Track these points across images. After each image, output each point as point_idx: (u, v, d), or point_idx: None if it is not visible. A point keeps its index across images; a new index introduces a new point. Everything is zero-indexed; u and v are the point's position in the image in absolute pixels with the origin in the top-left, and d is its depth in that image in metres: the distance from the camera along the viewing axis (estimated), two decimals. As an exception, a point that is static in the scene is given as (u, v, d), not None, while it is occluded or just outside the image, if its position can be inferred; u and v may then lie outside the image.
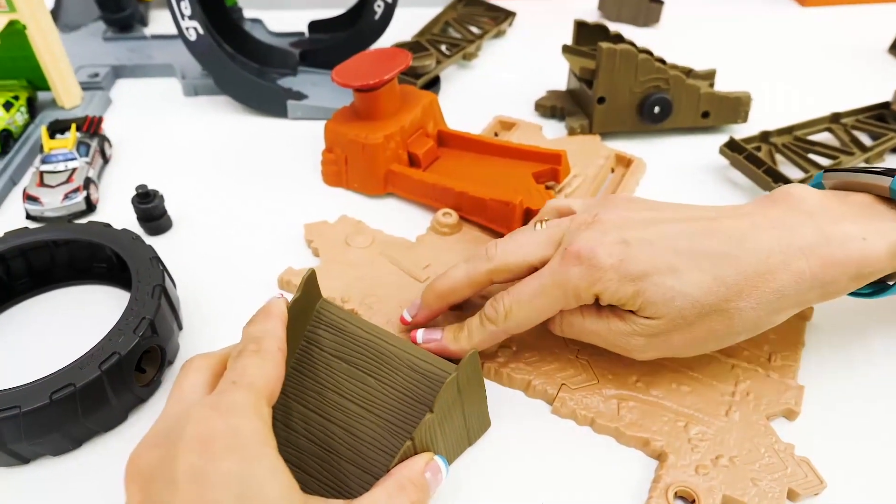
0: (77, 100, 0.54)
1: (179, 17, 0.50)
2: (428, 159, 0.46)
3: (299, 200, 0.47)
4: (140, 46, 0.64)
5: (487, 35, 0.66)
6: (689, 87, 0.50)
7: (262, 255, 0.42)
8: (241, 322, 0.38)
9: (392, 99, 0.45)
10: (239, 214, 0.46)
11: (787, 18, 0.73)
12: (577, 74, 0.53)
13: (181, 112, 0.57)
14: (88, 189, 0.45)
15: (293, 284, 0.39)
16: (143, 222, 0.43)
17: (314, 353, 0.31)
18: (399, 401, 0.30)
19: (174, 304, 0.36)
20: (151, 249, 0.37)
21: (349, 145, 0.45)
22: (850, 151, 0.48)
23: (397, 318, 0.37)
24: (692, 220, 0.31)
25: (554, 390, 0.34)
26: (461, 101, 0.58)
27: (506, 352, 0.35)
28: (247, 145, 0.53)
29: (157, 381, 0.34)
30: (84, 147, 0.47)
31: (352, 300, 0.38)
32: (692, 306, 0.29)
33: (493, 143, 0.46)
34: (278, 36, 0.65)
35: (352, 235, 0.42)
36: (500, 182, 0.43)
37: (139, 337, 0.32)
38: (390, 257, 0.41)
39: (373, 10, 0.56)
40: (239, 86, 0.54)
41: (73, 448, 0.32)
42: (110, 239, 0.37)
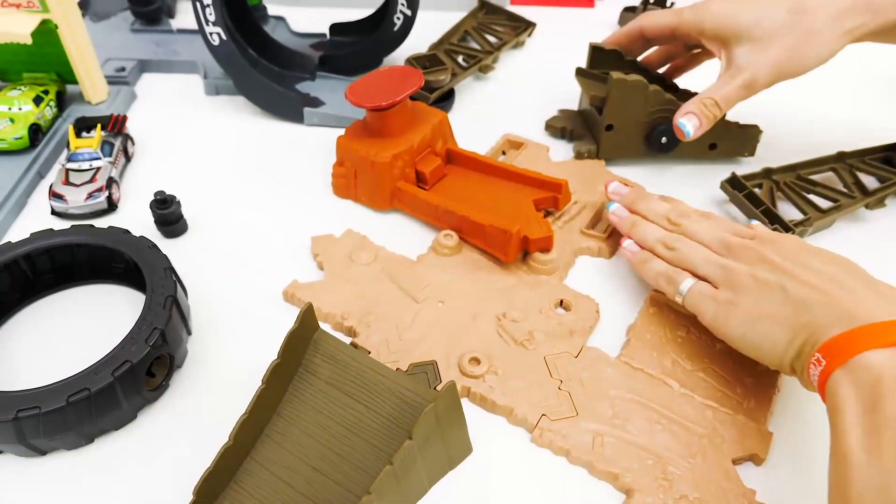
0: (103, 95, 0.56)
1: (204, 23, 0.52)
2: (435, 178, 0.48)
3: (310, 209, 0.49)
4: (166, 40, 0.66)
5: (506, 46, 0.66)
6: None
7: (271, 264, 0.45)
8: (247, 330, 0.40)
9: (403, 117, 0.47)
10: (251, 220, 0.48)
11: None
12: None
13: (202, 111, 0.59)
14: (110, 188, 0.48)
15: (297, 298, 0.41)
16: (160, 226, 0.46)
17: (310, 380, 0.34)
18: (384, 427, 0.32)
19: (184, 312, 0.38)
20: (166, 259, 0.39)
21: (359, 161, 0.47)
22: (851, 195, 0.49)
23: (393, 337, 0.39)
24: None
25: (534, 420, 0.36)
26: (474, 114, 0.59)
27: (492, 378, 0.37)
28: (263, 149, 0.55)
29: (165, 384, 0.37)
30: (108, 146, 0.50)
31: (351, 317, 0.40)
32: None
33: (498, 167, 0.48)
34: (300, 36, 0.67)
35: (356, 251, 0.44)
36: (501, 207, 0.45)
37: (150, 346, 0.35)
38: (391, 275, 0.43)
39: (392, 22, 0.57)
40: (258, 91, 0.56)
41: (85, 444, 0.35)
42: (128, 246, 0.40)
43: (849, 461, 0.27)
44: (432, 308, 0.41)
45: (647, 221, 0.43)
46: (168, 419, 0.36)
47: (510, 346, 0.39)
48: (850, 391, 0.29)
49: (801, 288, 0.34)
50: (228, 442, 0.31)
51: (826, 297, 0.32)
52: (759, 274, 0.36)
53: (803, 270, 0.34)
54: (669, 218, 0.42)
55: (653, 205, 0.44)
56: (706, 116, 0.46)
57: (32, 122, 0.51)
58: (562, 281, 0.43)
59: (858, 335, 0.30)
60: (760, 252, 0.37)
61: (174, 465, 0.34)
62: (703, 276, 0.38)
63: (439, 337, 0.39)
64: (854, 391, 0.29)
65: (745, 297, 0.35)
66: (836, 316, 0.31)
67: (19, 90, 0.53)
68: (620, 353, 0.39)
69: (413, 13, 0.56)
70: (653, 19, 0.51)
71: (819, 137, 0.57)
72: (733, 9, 0.45)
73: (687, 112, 0.46)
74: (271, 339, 0.34)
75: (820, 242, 0.47)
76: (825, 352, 0.31)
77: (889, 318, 0.30)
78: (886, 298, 0.32)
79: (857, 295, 0.32)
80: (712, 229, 0.40)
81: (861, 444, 0.27)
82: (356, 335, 0.39)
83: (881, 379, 0.28)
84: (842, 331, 0.31)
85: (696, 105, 0.46)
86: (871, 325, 0.30)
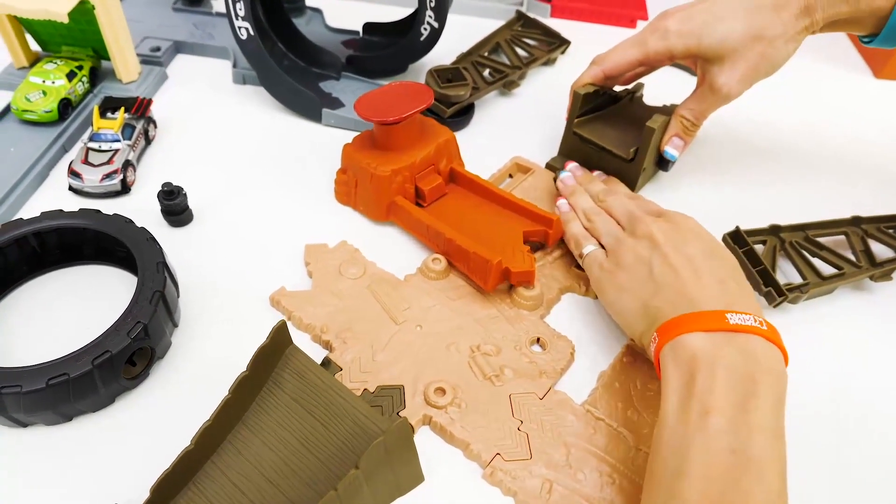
0: (134, 75, 0.58)
1: (234, 17, 0.53)
2: (434, 195, 0.48)
3: (313, 212, 0.50)
4: (204, 22, 0.67)
5: (535, 63, 0.66)
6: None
7: (266, 264, 0.46)
8: (232, 329, 0.42)
9: (409, 133, 0.47)
10: (255, 215, 0.50)
11: (857, 89, 0.70)
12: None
13: (228, 100, 0.60)
14: (126, 171, 0.50)
15: (282, 306, 0.43)
16: (166, 215, 0.47)
17: (276, 394, 0.35)
18: (338, 449, 0.33)
19: (171, 307, 0.40)
20: (160, 253, 0.41)
21: (360, 171, 0.47)
22: (857, 264, 0.47)
23: (366, 357, 0.40)
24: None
25: (488, 457, 0.36)
26: (491, 131, 0.59)
27: (454, 410, 0.38)
28: (280, 145, 0.56)
29: (144, 374, 0.39)
30: (129, 129, 0.52)
31: (330, 331, 0.41)
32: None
33: (496, 193, 0.48)
34: (333, 31, 0.67)
35: (346, 264, 0.45)
36: (490, 234, 0.45)
37: (131, 339, 0.36)
38: (375, 293, 0.43)
39: (419, 32, 0.57)
40: (280, 87, 0.57)
41: (64, 422, 0.37)
42: (127, 235, 0.42)
43: (663, 423, 0.32)
44: (409, 332, 0.41)
45: (584, 194, 0.48)
46: (144, 407, 0.38)
47: (478, 379, 0.40)
48: (673, 365, 0.34)
49: (664, 270, 0.38)
50: (189, 446, 0.32)
51: (679, 283, 0.37)
52: (639, 250, 0.40)
53: (675, 253, 0.38)
54: (598, 195, 0.47)
55: (592, 184, 0.49)
56: (689, 134, 0.50)
57: (63, 97, 0.54)
58: (543, 318, 0.44)
59: (686, 319, 0.35)
60: (650, 229, 0.41)
61: (143, 453, 0.36)
62: (604, 245, 0.43)
63: (411, 362, 0.40)
64: (675, 366, 0.34)
65: (622, 270, 0.41)
66: (679, 301, 0.36)
67: (55, 63, 0.55)
68: (586, 401, 0.39)
69: (441, 25, 0.56)
70: (614, 61, 0.50)
71: (837, 194, 0.55)
72: (695, 30, 0.46)
73: (671, 138, 0.50)
74: (254, 342, 0.35)
75: (818, 310, 0.46)
76: (661, 331, 0.36)
77: (716, 309, 0.35)
78: (728, 295, 0.36)
79: (705, 286, 0.36)
80: (626, 205, 0.45)
81: (674, 411, 0.32)
82: (332, 350, 0.40)
83: (695, 358, 0.33)
84: (677, 314, 0.35)
85: (677, 127, 0.50)
86: (699, 313, 0.35)
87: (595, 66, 0.51)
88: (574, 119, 0.53)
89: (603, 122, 0.54)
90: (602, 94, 0.53)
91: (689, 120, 0.49)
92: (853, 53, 0.75)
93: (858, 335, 0.45)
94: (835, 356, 0.44)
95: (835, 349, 0.44)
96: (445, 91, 0.56)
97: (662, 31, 0.47)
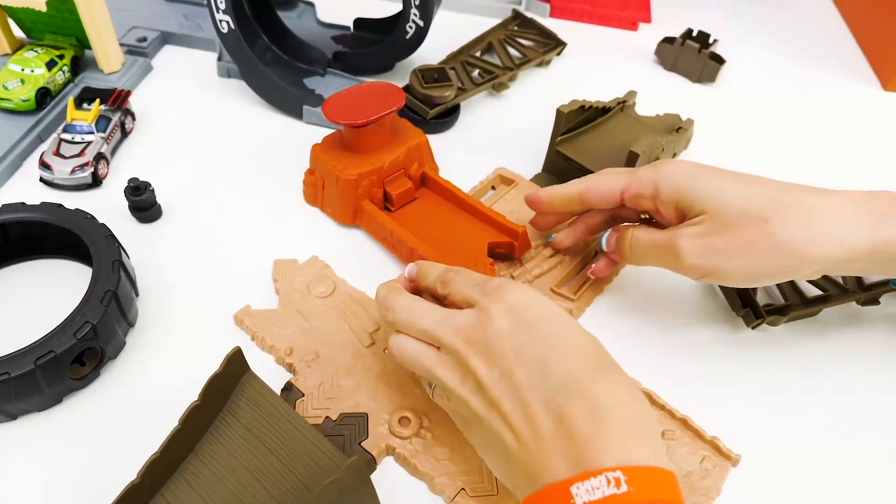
0: (117, 66, 0.58)
1: (214, 10, 0.52)
2: (402, 200, 0.47)
3: (286, 214, 0.49)
4: (195, 13, 0.66)
5: (528, 64, 0.64)
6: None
7: (231, 267, 0.45)
8: (190, 336, 0.41)
9: (379, 135, 0.46)
10: (226, 215, 0.49)
11: (864, 100, 0.67)
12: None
13: (211, 92, 0.60)
14: (97, 165, 0.49)
15: (245, 325, 0.41)
16: (134, 211, 0.47)
17: (231, 423, 0.34)
18: (292, 484, 0.32)
19: (125, 307, 0.39)
20: (118, 251, 0.40)
21: (327, 174, 0.46)
22: (844, 286, 0.45)
23: (331, 382, 0.38)
24: None
25: (452, 492, 0.35)
26: (475, 136, 0.58)
27: (419, 441, 0.36)
28: (259, 141, 0.55)
29: (94, 374, 0.38)
30: (104, 121, 0.51)
31: (294, 354, 0.40)
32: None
33: (465, 200, 0.46)
34: (324, 26, 0.66)
35: (315, 282, 0.43)
36: (454, 243, 0.44)
37: (77, 339, 0.36)
38: (343, 314, 0.42)
39: (405, 31, 0.56)
40: (261, 82, 0.56)
41: (8, 420, 0.36)
42: (86, 232, 0.41)
43: None
44: (376, 355, 0.40)
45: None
46: (93, 408, 0.37)
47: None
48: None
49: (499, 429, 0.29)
50: (135, 479, 0.31)
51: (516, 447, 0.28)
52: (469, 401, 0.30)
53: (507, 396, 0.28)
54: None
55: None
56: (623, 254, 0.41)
57: (42, 86, 0.53)
58: (512, 335, 0.42)
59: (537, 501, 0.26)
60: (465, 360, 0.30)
61: (90, 457, 0.35)
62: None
63: (376, 388, 0.38)
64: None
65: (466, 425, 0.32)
66: (519, 477, 0.28)
67: (35, 52, 0.55)
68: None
69: (426, 24, 0.55)
70: (598, 184, 0.41)
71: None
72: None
73: (616, 235, 0.41)
74: (211, 355, 0.35)
75: (800, 333, 0.44)
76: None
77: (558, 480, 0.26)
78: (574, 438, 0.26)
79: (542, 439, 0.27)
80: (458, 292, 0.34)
81: None
82: (295, 373, 0.39)
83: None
84: (524, 497, 0.27)
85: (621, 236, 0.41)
86: (542, 492, 0.26)
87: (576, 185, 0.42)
88: (557, 138, 0.51)
89: (590, 137, 0.52)
90: (588, 109, 0.51)
91: (636, 240, 0.40)
92: (862, 63, 0.72)
93: (841, 363, 0.43)
94: (816, 383, 0.42)
95: (818, 376, 0.42)
96: (429, 91, 0.54)
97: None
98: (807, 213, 0.34)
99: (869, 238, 0.34)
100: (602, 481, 0.24)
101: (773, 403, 0.40)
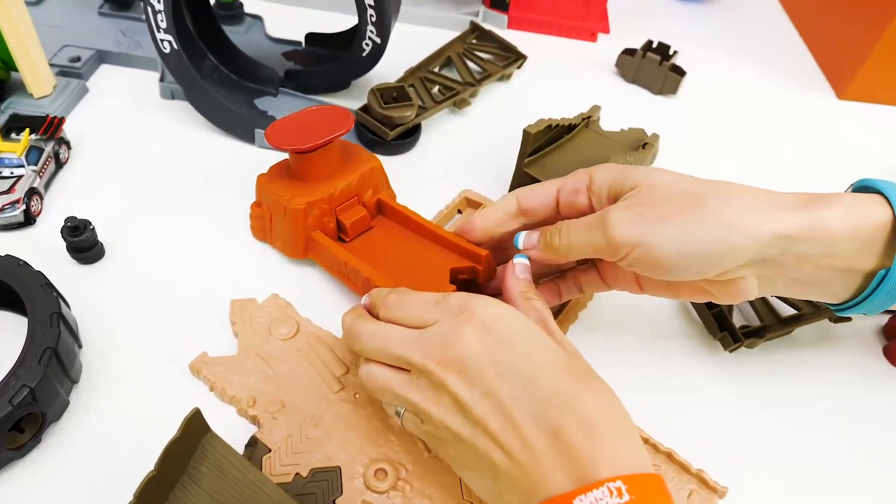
0: (47, 89, 0.53)
1: (155, 29, 0.49)
2: (357, 229, 0.44)
3: (240, 249, 0.46)
4: (133, 29, 0.62)
5: (489, 80, 0.62)
6: None
7: (183, 317, 0.41)
8: (142, 390, 0.38)
9: (328, 162, 0.43)
10: (176, 253, 0.45)
11: (820, 109, 0.68)
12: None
13: (154, 116, 0.56)
14: (30, 201, 0.45)
15: (203, 374, 0.38)
16: (73, 252, 0.43)
17: (193, 490, 0.31)
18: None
19: (67, 364, 0.36)
20: (56, 302, 0.36)
21: (274, 204, 0.43)
22: (817, 304, 0.45)
23: (299, 434, 0.36)
24: None
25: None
26: (438, 156, 0.56)
27: (398, 495, 0.34)
28: (207, 169, 0.52)
29: (34, 441, 0.34)
30: (35, 153, 0.47)
31: (258, 404, 0.37)
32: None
33: (424, 226, 0.43)
34: (273, 41, 0.63)
35: (277, 322, 0.41)
36: (414, 272, 0.41)
37: (13, 406, 0.32)
38: (308, 356, 0.39)
39: (361, 48, 0.53)
40: (209, 105, 0.52)
41: (-64, 498, 0.33)
42: (19, 282, 0.37)
43: None
44: (346, 401, 0.37)
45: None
46: (34, 481, 0.34)
47: (425, 454, 0.36)
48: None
49: (486, 447, 0.28)
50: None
51: (509, 466, 0.28)
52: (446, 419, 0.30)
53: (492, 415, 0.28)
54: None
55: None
56: (549, 244, 0.36)
57: (-37, 115, 0.48)
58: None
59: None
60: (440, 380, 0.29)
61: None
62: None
63: (348, 437, 0.36)
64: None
65: (443, 446, 0.31)
66: (517, 495, 0.28)
67: (-46, 77, 0.50)
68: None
69: (383, 41, 0.52)
70: (534, 193, 0.39)
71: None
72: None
73: (538, 232, 0.38)
74: (166, 410, 0.32)
75: (773, 352, 0.44)
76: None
77: (561, 493, 0.26)
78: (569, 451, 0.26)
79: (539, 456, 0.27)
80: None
81: None
82: (260, 426, 0.36)
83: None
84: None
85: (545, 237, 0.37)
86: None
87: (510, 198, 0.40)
88: (525, 159, 0.49)
89: (556, 156, 0.51)
90: (554, 128, 0.50)
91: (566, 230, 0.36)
92: (816, 73, 0.73)
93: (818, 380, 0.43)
94: (796, 403, 0.41)
95: (797, 396, 0.42)
96: (388, 112, 0.52)
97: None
98: (742, 193, 0.32)
99: (801, 220, 0.31)
100: (605, 492, 0.25)
101: (756, 427, 0.40)
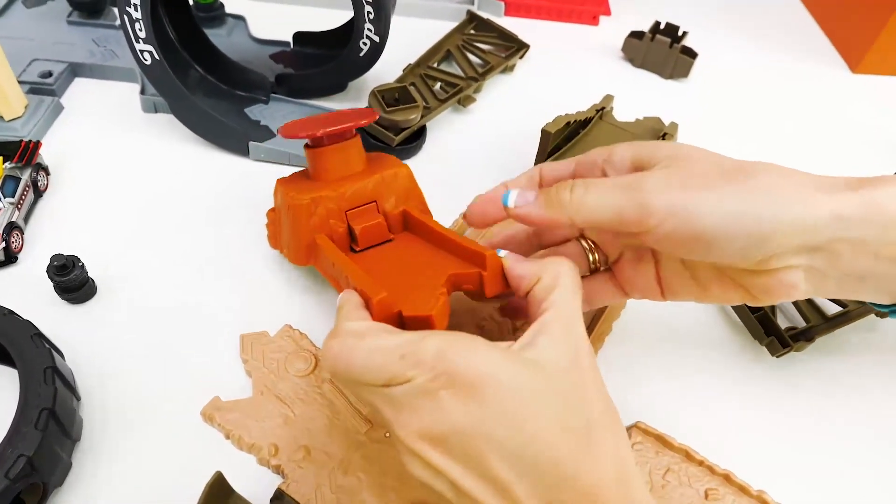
0: (19, 110, 0.49)
1: (134, 40, 0.44)
2: (370, 239, 0.38)
3: (244, 275, 0.43)
4: (106, 37, 0.58)
5: (493, 71, 0.59)
6: None
7: (189, 358, 0.38)
8: (150, 445, 0.34)
9: (345, 160, 0.38)
10: (174, 286, 0.42)
11: (834, 84, 0.65)
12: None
13: (137, 131, 0.51)
14: (10, 237, 0.41)
15: (217, 422, 0.35)
16: (62, 292, 0.39)
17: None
18: None
19: (66, 423, 0.32)
20: (49, 356, 0.33)
21: (281, 204, 0.39)
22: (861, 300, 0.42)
23: (328, 483, 0.32)
24: None
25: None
26: (447, 156, 0.52)
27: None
28: (202, 186, 0.48)
29: (37, 513, 0.31)
30: (12, 183, 0.43)
31: (281, 452, 0.34)
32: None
33: (437, 231, 0.36)
34: (259, 43, 0.59)
35: (292, 357, 0.37)
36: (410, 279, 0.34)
37: (10, 480, 0.29)
38: (330, 393, 0.36)
39: (358, 47, 0.49)
40: (197, 118, 0.48)
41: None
42: (6, 333, 0.33)
43: None
44: (376, 440, 0.34)
45: None
46: (39, 555, 0.31)
47: None
48: None
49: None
50: None
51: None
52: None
53: (490, 496, 0.25)
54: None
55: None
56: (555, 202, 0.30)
57: (-73, 145, 0.44)
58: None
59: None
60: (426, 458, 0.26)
61: None
62: None
63: (382, 482, 0.33)
64: None
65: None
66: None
67: (-85, 103, 0.46)
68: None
69: (382, 39, 0.48)
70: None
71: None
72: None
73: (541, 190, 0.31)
74: (179, 464, 0.30)
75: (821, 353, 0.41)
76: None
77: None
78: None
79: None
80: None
81: None
82: (285, 477, 0.33)
83: None
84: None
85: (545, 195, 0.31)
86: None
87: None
88: (548, 159, 0.46)
89: (575, 152, 0.48)
90: (572, 123, 0.47)
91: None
92: (828, 48, 0.70)
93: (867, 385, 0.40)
94: (851, 409, 0.39)
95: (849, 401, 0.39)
96: (393, 116, 0.48)
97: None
98: (790, 171, 0.29)
99: (859, 199, 0.28)
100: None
101: (814, 440, 0.37)
